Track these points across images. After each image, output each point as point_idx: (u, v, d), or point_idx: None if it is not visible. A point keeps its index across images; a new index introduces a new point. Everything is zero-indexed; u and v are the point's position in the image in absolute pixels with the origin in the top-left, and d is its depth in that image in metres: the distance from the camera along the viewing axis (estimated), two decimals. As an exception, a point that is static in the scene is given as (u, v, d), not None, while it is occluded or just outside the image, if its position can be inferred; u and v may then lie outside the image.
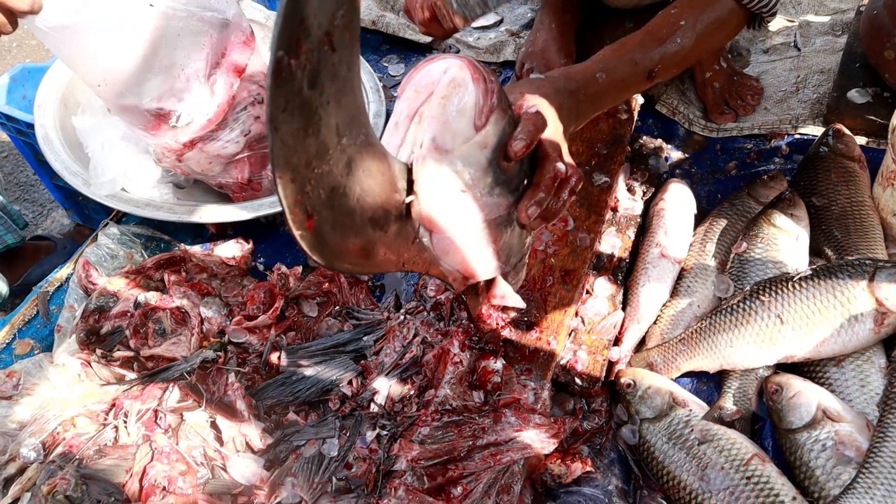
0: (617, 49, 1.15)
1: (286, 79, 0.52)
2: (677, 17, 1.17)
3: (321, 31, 0.54)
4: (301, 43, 0.52)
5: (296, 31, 0.51)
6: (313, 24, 0.53)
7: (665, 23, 1.18)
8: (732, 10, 1.22)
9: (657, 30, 1.17)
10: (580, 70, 1.09)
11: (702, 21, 1.19)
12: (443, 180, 0.78)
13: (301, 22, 0.52)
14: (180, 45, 1.38)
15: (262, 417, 1.28)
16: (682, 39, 1.17)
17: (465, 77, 0.77)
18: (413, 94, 0.78)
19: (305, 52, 0.53)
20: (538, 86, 0.96)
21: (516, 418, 1.19)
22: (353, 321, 1.42)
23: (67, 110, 1.69)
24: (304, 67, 0.53)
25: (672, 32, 1.16)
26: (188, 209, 1.53)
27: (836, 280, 1.19)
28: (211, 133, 1.49)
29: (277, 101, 0.52)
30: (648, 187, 1.55)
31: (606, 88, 1.10)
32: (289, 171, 0.56)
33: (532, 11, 2.13)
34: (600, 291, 1.38)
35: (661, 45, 1.16)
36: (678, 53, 1.17)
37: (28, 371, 1.33)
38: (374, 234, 0.71)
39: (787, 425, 1.15)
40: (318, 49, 0.54)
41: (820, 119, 1.64)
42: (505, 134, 0.81)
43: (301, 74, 0.53)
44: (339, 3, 0.56)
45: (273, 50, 0.50)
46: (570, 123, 1.00)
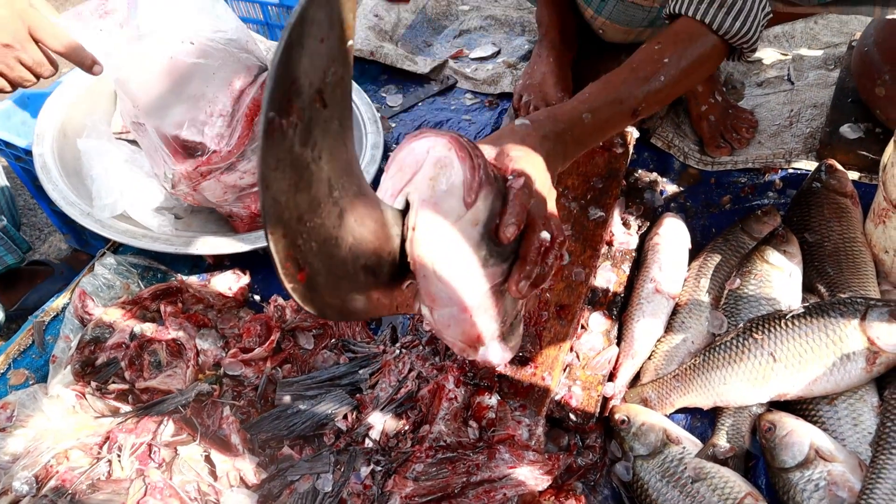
0: (602, 87, 1.15)
1: (277, 138, 0.53)
2: (661, 54, 1.18)
3: (312, 89, 0.55)
4: (292, 103, 0.53)
5: (287, 92, 0.52)
6: (304, 84, 0.54)
7: (649, 59, 1.18)
8: (715, 45, 1.23)
9: (641, 66, 1.17)
10: (567, 111, 1.09)
11: (685, 58, 1.20)
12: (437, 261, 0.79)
13: (292, 83, 0.52)
14: (212, 82, 1.46)
15: (257, 452, 1.28)
16: (665, 77, 1.17)
17: (451, 156, 0.77)
18: (397, 171, 0.78)
19: (297, 111, 0.54)
20: (523, 136, 0.96)
21: (510, 455, 1.19)
22: (349, 354, 1.42)
23: (67, 139, 1.70)
24: (295, 126, 0.54)
25: (656, 70, 1.17)
26: (186, 240, 1.54)
27: (828, 318, 1.19)
28: (229, 163, 1.52)
29: (268, 160, 0.53)
30: (643, 221, 1.56)
31: (592, 128, 1.10)
32: (280, 227, 0.57)
33: (529, 43, 2.15)
34: (595, 326, 1.38)
35: (646, 82, 1.16)
36: (662, 91, 1.18)
37: (22, 402, 1.33)
38: (367, 280, 0.72)
39: (780, 464, 1.15)
40: (310, 107, 0.55)
41: (813, 153, 1.65)
42: (495, 207, 0.81)
43: (293, 133, 0.54)
44: (330, 60, 0.56)
45: (264, 111, 0.51)
46: (558, 167, 1.01)
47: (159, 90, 1.44)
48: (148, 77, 1.43)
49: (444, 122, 1.95)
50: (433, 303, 0.83)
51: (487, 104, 1.98)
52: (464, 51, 2.18)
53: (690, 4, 1.21)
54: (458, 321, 0.85)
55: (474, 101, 2.00)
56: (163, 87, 1.44)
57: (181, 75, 1.44)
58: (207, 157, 1.51)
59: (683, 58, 1.19)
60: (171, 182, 1.57)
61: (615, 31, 1.71)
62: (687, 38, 1.21)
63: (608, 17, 1.66)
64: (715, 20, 1.20)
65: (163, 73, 1.42)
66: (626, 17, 1.64)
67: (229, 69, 1.49)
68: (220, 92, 1.49)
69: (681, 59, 1.19)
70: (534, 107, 1.71)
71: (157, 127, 1.48)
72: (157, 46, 1.41)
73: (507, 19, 2.28)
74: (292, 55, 0.51)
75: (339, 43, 0.56)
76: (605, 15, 1.66)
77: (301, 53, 0.52)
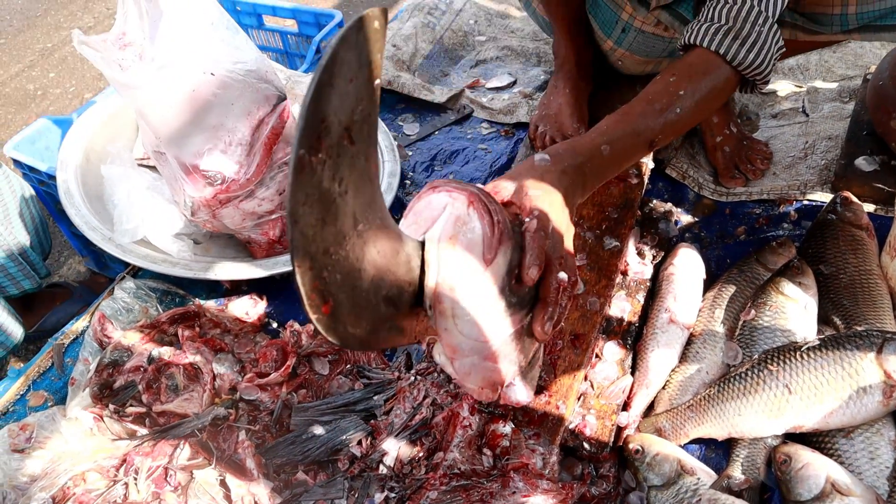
0: (619, 120, 1.17)
1: (307, 174, 0.54)
2: (677, 87, 1.20)
3: (341, 127, 0.57)
4: (322, 140, 0.55)
5: (317, 130, 0.54)
6: (334, 122, 0.56)
7: (665, 91, 1.20)
8: (728, 77, 1.25)
9: (657, 98, 1.19)
10: (586, 143, 1.11)
11: (700, 90, 1.22)
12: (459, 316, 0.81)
13: (322, 121, 0.54)
14: (232, 112, 1.49)
15: (272, 476, 1.29)
16: (681, 109, 1.19)
17: (471, 214, 0.79)
18: (413, 223, 0.80)
19: (326, 149, 0.55)
20: (543, 172, 0.99)
21: (524, 483, 1.19)
22: (364, 380, 1.43)
23: (90, 164, 1.74)
24: (324, 162, 0.56)
25: (672, 102, 1.19)
26: (204, 265, 1.56)
27: (844, 351, 1.19)
28: (248, 191, 1.55)
29: (298, 195, 0.55)
30: (658, 251, 1.57)
31: (610, 160, 1.13)
32: (307, 260, 0.58)
33: (545, 74, 2.18)
34: (609, 356, 1.39)
35: (662, 114, 1.18)
36: (678, 122, 1.20)
37: (41, 424, 1.34)
38: (388, 311, 0.73)
39: (796, 497, 1.15)
40: (338, 144, 0.57)
41: (828, 185, 1.66)
42: (514, 259, 0.83)
43: (321, 169, 0.56)
44: (358, 99, 0.58)
45: (295, 149, 0.53)
46: (577, 200, 1.03)
47: (180, 121, 1.47)
48: (169, 108, 1.45)
49: (460, 151, 1.97)
50: (454, 353, 0.86)
51: (503, 133, 2.00)
52: (480, 81, 2.21)
53: (706, 36, 1.23)
54: (480, 369, 0.88)
55: (490, 131, 2.02)
56: (183, 118, 1.47)
57: (201, 106, 1.47)
58: (227, 185, 1.54)
59: (698, 90, 1.21)
60: (190, 209, 1.59)
61: (634, 62, 1.73)
62: (702, 70, 1.23)
63: (628, 49, 1.68)
64: (730, 52, 1.22)
65: (183, 104, 1.45)
66: (646, 48, 1.66)
67: (248, 99, 1.51)
68: (240, 122, 1.52)
69: (696, 92, 1.21)
70: (550, 137, 1.72)
71: (177, 156, 1.51)
72: (177, 78, 1.44)
73: (524, 50, 2.30)
74: (323, 94, 0.53)
75: (367, 82, 0.58)
76: (624, 46, 1.68)
77: (331, 93, 0.54)
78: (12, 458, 1.29)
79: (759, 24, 1.23)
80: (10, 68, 3.65)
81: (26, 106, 3.43)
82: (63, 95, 3.44)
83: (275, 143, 1.58)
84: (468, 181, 1.80)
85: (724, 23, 1.23)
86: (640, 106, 1.19)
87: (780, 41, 1.26)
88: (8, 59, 3.72)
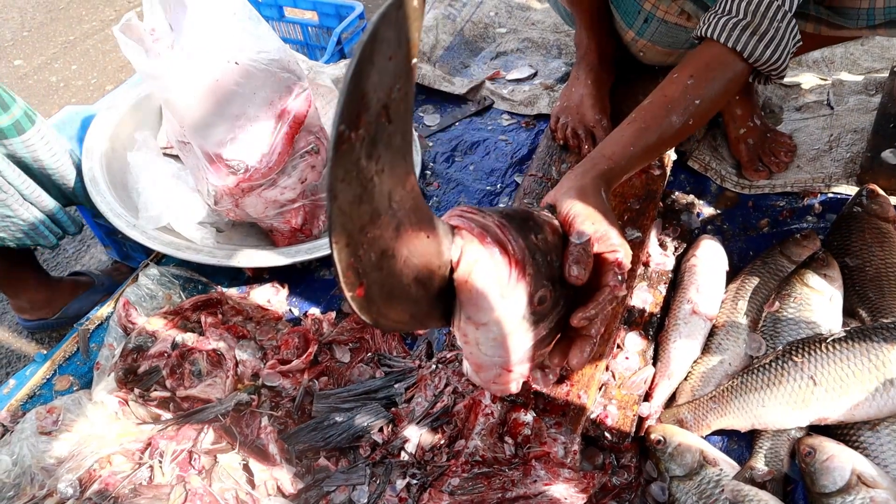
0: (642, 127, 1.18)
1: (346, 151, 0.55)
2: (696, 90, 1.20)
3: (380, 104, 0.57)
4: (361, 117, 0.55)
5: (357, 106, 0.54)
6: (373, 99, 0.56)
7: (682, 97, 1.20)
8: (742, 72, 1.25)
9: (676, 106, 1.20)
10: (618, 151, 1.15)
11: (716, 89, 1.22)
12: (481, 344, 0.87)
13: (362, 97, 0.55)
14: (254, 101, 1.50)
15: (294, 462, 1.29)
16: (700, 110, 1.20)
17: (484, 251, 0.81)
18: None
19: (364, 125, 0.56)
20: (580, 191, 1.03)
21: (546, 472, 1.19)
22: (385, 368, 1.44)
23: (115, 153, 1.75)
24: (362, 139, 0.56)
25: (692, 102, 1.20)
26: (227, 253, 1.57)
27: (870, 343, 1.19)
28: (270, 179, 1.56)
29: (337, 171, 0.55)
30: (680, 243, 1.56)
31: (637, 161, 1.18)
32: (344, 237, 0.58)
33: (566, 66, 2.17)
34: (631, 346, 1.38)
35: (682, 115, 1.19)
36: (694, 124, 1.22)
37: (67, 407, 1.36)
38: (419, 292, 0.74)
39: (821, 489, 1.14)
40: (376, 121, 0.57)
41: (853, 178, 1.65)
42: (536, 281, 0.86)
43: (360, 146, 0.56)
44: (397, 77, 0.59)
45: (335, 124, 0.53)
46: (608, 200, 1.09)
47: (204, 110, 1.48)
48: (193, 98, 1.47)
49: (480, 142, 1.97)
50: (479, 369, 0.93)
51: (524, 125, 2.00)
52: (500, 72, 2.21)
53: (723, 31, 1.22)
54: (504, 376, 0.93)
55: (511, 122, 2.02)
56: (207, 107, 1.48)
57: (224, 95, 1.48)
58: (249, 174, 1.55)
59: (715, 89, 1.22)
60: (213, 198, 1.61)
61: (656, 53, 1.72)
62: (719, 67, 1.23)
63: (650, 39, 1.68)
64: (746, 48, 1.21)
65: (207, 94, 1.46)
66: (668, 38, 1.65)
67: (271, 88, 1.52)
68: (262, 110, 1.52)
69: (713, 91, 1.22)
70: (571, 129, 1.72)
71: (200, 145, 1.52)
72: (202, 68, 1.45)
73: (544, 42, 2.30)
74: (363, 71, 0.53)
75: (405, 60, 0.58)
76: (647, 37, 1.67)
77: (371, 70, 0.54)
78: (40, 440, 1.30)
79: (777, 20, 1.21)
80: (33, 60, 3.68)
81: (49, 98, 3.45)
82: (85, 87, 3.46)
83: (296, 131, 1.58)
84: (488, 172, 1.81)
85: (741, 17, 1.21)
86: (661, 110, 1.20)
87: (797, 35, 1.25)
88: (31, 51, 3.75)
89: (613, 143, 1.17)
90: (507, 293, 0.82)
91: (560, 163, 1.71)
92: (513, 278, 0.82)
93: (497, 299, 0.82)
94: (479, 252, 0.80)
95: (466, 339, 0.87)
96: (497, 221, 0.83)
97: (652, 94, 1.24)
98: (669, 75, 1.24)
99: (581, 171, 1.10)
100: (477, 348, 0.88)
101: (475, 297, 0.81)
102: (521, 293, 0.84)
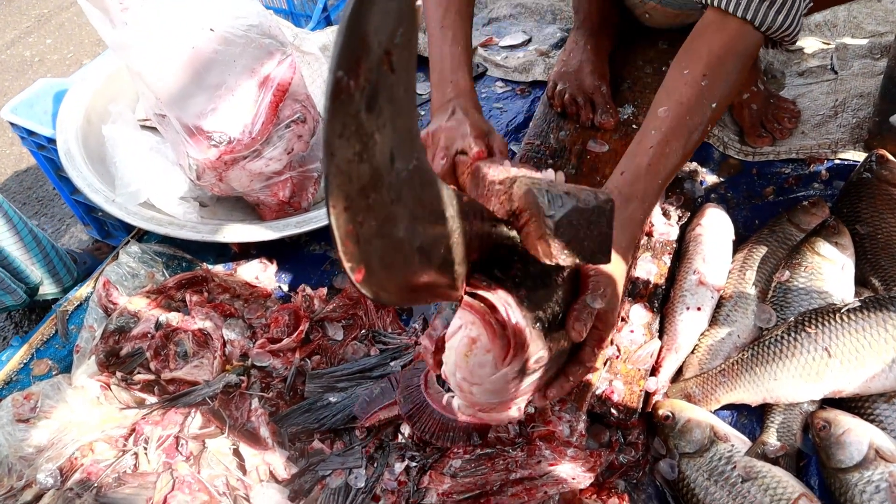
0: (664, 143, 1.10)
1: (344, 101, 0.48)
2: (711, 91, 1.11)
3: (381, 49, 0.50)
4: (361, 62, 0.49)
5: (356, 50, 0.48)
6: (373, 43, 0.49)
7: (699, 104, 1.12)
8: (756, 42, 1.17)
9: (694, 115, 1.11)
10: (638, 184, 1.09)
11: (731, 81, 1.14)
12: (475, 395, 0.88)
13: (362, 40, 0.48)
14: (234, 69, 1.44)
15: (287, 445, 1.24)
16: (718, 107, 1.14)
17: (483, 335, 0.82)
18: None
19: (365, 73, 0.49)
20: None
21: (551, 451, 1.14)
22: (380, 345, 1.38)
23: (91, 125, 1.67)
24: (362, 89, 0.49)
25: (705, 108, 1.12)
26: (212, 228, 1.51)
27: (887, 312, 1.14)
28: (254, 151, 1.49)
29: (335, 125, 0.48)
30: (684, 212, 1.50)
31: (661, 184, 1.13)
32: (343, 200, 0.52)
33: (561, 31, 2.10)
34: (636, 319, 1.33)
35: (701, 120, 1.12)
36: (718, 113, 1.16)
37: (46, 393, 1.30)
38: (422, 263, 0.67)
39: (837, 464, 1.10)
40: (378, 69, 0.51)
41: (861, 144, 1.60)
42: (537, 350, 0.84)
43: (359, 97, 0.49)
44: (399, 20, 0.52)
45: (332, 70, 0.47)
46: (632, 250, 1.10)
47: (180, 80, 1.41)
48: (168, 67, 1.40)
49: (474, 111, 1.90)
50: (475, 409, 0.93)
51: (519, 92, 1.93)
52: (493, 39, 2.14)
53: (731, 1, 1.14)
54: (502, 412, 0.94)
55: (505, 90, 1.95)
56: (184, 77, 1.41)
57: (202, 64, 1.41)
58: (232, 146, 1.48)
59: (730, 82, 1.14)
60: (195, 172, 1.54)
61: (664, 15, 1.65)
62: (730, 53, 1.14)
63: (659, 1, 1.60)
64: (758, 16, 1.13)
65: (184, 64, 1.40)
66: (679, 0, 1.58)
67: (251, 55, 1.45)
68: (243, 79, 1.46)
69: (729, 85, 1.14)
70: (569, 95, 1.65)
71: (178, 118, 1.45)
72: (176, 35, 1.38)
73: (538, 7, 2.22)
74: (364, 9, 0.47)
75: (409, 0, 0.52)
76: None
77: (372, 9, 0.48)
78: (17, 428, 1.25)
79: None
80: (5, 35, 3.57)
81: (24, 73, 3.35)
82: (61, 62, 3.35)
83: (281, 100, 1.51)
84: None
85: None
86: (683, 120, 1.11)
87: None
88: (3, 25, 3.63)
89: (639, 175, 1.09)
90: (503, 367, 0.83)
91: (558, 130, 1.64)
92: (509, 357, 0.82)
93: (493, 371, 0.84)
94: (480, 331, 0.81)
95: (461, 389, 0.89)
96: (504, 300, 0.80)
97: (664, 97, 1.14)
98: (678, 67, 1.15)
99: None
100: (471, 396, 0.89)
101: (472, 368, 0.84)
102: (517, 365, 0.84)
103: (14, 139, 2.82)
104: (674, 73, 1.15)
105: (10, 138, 2.89)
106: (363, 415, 1.22)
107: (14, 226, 1.77)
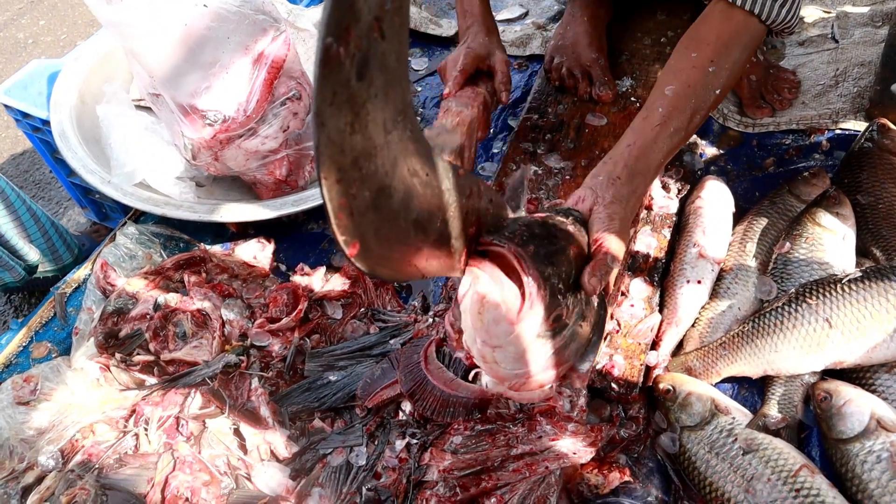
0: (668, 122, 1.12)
1: (334, 68, 0.47)
2: (716, 78, 1.14)
3: (371, 15, 0.49)
4: (350, 29, 0.47)
5: (345, 16, 0.47)
6: (363, 9, 0.48)
7: (704, 91, 1.14)
8: (760, 34, 1.20)
9: (699, 98, 1.14)
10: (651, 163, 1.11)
11: (735, 69, 1.18)
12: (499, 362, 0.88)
13: (351, 6, 0.47)
14: (227, 47, 1.42)
15: (287, 424, 1.24)
16: (721, 93, 1.17)
17: (495, 286, 0.80)
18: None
19: (355, 40, 0.48)
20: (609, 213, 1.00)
21: (552, 427, 1.14)
22: (380, 323, 1.38)
23: (85, 106, 1.66)
24: (352, 56, 0.48)
25: (715, 87, 1.16)
26: (209, 208, 1.49)
27: (889, 282, 1.13)
28: (249, 129, 1.47)
29: (325, 92, 0.47)
30: (683, 184, 1.49)
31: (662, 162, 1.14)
32: (335, 172, 0.51)
33: (558, 4, 2.08)
34: (636, 293, 1.32)
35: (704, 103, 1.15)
36: (720, 99, 1.19)
37: (46, 375, 1.29)
38: (418, 237, 0.67)
39: (838, 435, 1.10)
40: (368, 36, 0.49)
41: (862, 114, 1.58)
42: (553, 308, 0.84)
43: (350, 64, 0.48)
44: (389, -13, 0.51)
45: (321, 37, 0.46)
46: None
47: (173, 58, 1.39)
48: (161, 46, 1.38)
49: (470, 86, 1.88)
50: (502, 382, 0.93)
51: (517, 66, 1.91)
52: (490, 12, 2.11)
53: None
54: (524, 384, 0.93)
55: (502, 64, 1.93)
56: (177, 55, 1.39)
57: (195, 41, 1.39)
58: (227, 124, 1.47)
59: (734, 70, 1.18)
60: (191, 152, 1.52)
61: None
62: (735, 43, 1.17)
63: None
64: (763, 10, 1.16)
65: (177, 41, 1.38)
66: None
67: (245, 32, 1.43)
68: (237, 56, 1.44)
69: (733, 73, 1.18)
70: (567, 69, 1.63)
71: (172, 96, 1.44)
72: (169, 12, 1.36)
73: (534, -20, 2.19)
74: (352, -26, 0.46)
75: (398, -35, 0.50)
76: None
77: (360, -27, 0.46)
78: (17, 410, 1.24)
79: None
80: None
81: (17, 55, 3.32)
82: (55, 43, 3.32)
83: (276, 77, 1.50)
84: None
85: None
86: (686, 101, 1.13)
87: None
88: (-5, 7, 3.60)
89: (645, 150, 1.10)
90: (520, 321, 0.82)
91: (556, 104, 1.63)
92: (525, 308, 0.82)
93: (510, 327, 0.83)
94: (489, 286, 0.80)
95: (484, 359, 0.88)
96: (515, 250, 0.80)
97: (671, 77, 1.16)
98: (685, 50, 1.17)
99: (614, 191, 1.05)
100: (496, 365, 0.89)
101: (488, 327, 0.83)
102: (534, 318, 0.83)
103: (9, 122, 2.81)
104: (681, 54, 1.18)
105: (6, 121, 2.87)
106: (366, 396, 1.22)
107: (11, 203, 1.77)
